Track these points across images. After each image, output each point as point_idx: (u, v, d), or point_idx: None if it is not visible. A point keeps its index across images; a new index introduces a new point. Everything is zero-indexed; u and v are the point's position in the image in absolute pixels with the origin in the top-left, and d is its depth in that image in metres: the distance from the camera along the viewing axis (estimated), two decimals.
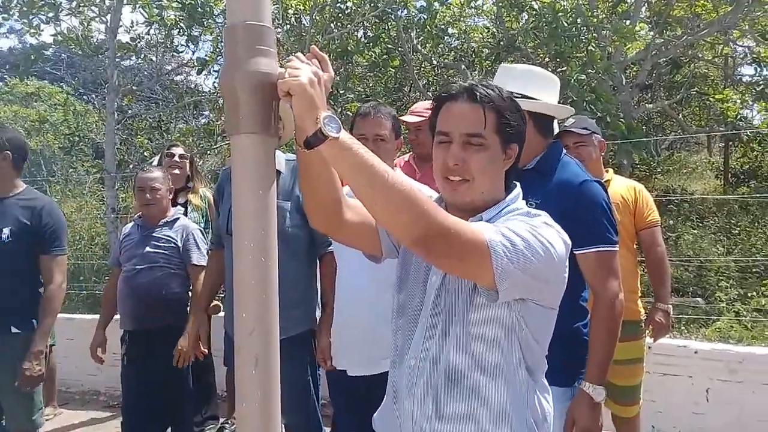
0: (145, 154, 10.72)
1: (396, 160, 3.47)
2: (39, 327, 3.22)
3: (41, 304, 3.25)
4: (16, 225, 3.23)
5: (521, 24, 7.92)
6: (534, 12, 7.17)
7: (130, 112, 11.38)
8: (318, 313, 3.05)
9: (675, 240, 8.44)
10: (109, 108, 8.54)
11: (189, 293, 3.73)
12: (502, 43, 8.07)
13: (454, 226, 1.37)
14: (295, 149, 1.49)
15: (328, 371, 2.89)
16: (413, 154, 3.79)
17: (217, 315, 4.11)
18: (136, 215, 3.87)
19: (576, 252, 2.17)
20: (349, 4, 8.97)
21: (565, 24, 6.65)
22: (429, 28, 7.76)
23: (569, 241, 1.56)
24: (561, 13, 6.70)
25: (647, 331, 3.44)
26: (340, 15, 8.91)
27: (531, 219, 1.52)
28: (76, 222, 11.02)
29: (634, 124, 7.72)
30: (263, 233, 1.34)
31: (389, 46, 8.84)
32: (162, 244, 3.67)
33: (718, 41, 9.66)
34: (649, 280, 3.51)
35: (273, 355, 1.35)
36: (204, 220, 4.28)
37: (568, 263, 1.57)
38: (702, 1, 8.84)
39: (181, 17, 8.73)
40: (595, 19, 7.22)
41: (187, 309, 3.71)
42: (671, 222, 8.85)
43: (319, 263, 3.07)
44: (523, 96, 2.33)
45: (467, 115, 1.55)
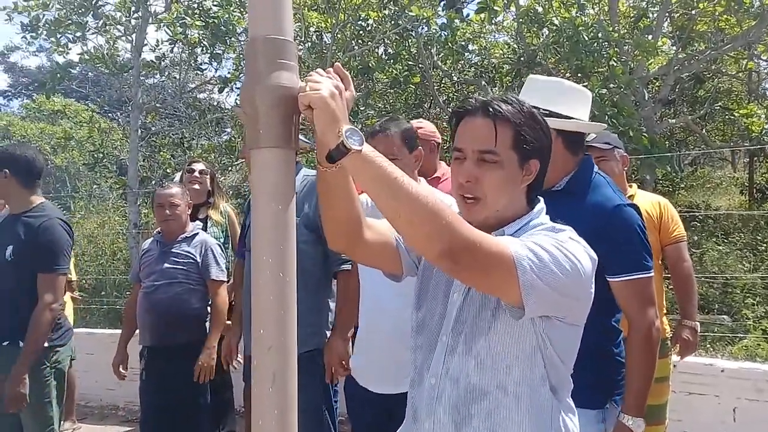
0: (168, 170, 10.84)
1: None
2: (23, 348, 3.11)
3: (29, 324, 3.13)
4: (17, 242, 3.21)
5: (542, 39, 7.89)
6: (555, 27, 7.15)
7: (153, 129, 11.53)
8: (329, 334, 3.00)
9: (699, 256, 8.30)
10: (133, 125, 8.65)
11: (208, 308, 3.73)
12: (522, 59, 8.04)
13: (479, 239, 1.34)
14: (317, 167, 1.48)
15: (348, 387, 2.83)
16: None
17: None
18: (156, 231, 3.90)
19: (610, 279, 2.12)
20: (370, 21, 9.04)
21: (586, 39, 6.62)
22: (449, 44, 7.76)
23: (595, 257, 1.52)
24: (582, 28, 6.67)
25: (673, 349, 3.37)
26: (361, 32, 8.97)
27: (556, 234, 1.49)
28: (98, 237, 11.15)
29: (656, 138, 7.64)
30: (282, 249, 1.33)
31: (410, 62, 8.88)
32: (181, 259, 3.68)
33: (742, 56, 9.55)
34: (675, 296, 3.45)
35: (291, 373, 1.33)
36: (224, 235, 4.29)
37: (595, 282, 1.53)
38: (725, 16, 8.75)
39: (205, 35, 8.83)
40: (617, 34, 7.17)
41: (206, 324, 3.72)
42: (695, 238, 8.71)
43: (336, 281, 3.04)
44: (551, 113, 2.23)
45: (480, 131, 1.52)
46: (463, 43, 8.59)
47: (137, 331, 3.82)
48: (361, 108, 8.08)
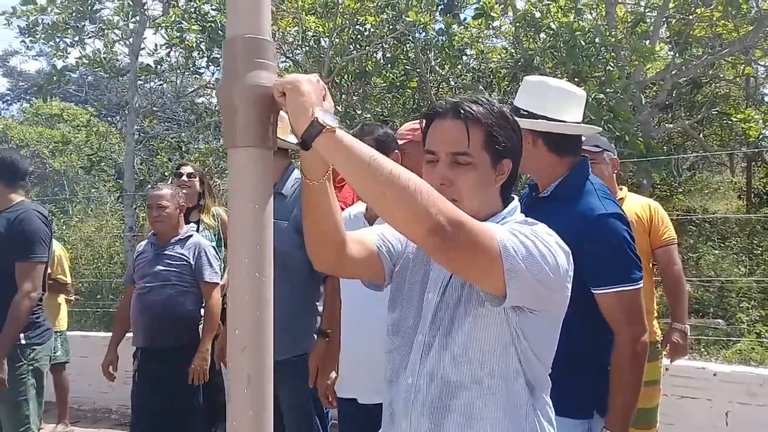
0: (165, 174, 10.83)
1: None
2: (1, 335, 3.19)
3: (9, 311, 3.20)
4: None
5: (539, 44, 7.90)
6: (551, 32, 7.16)
7: (151, 132, 11.53)
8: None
9: (696, 260, 8.30)
10: (129, 129, 8.66)
11: (202, 311, 3.72)
12: (519, 63, 8.05)
13: (464, 217, 1.33)
14: (301, 180, 1.47)
15: (339, 406, 2.76)
16: None
17: None
18: (150, 233, 3.89)
19: (594, 291, 2.07)
20: (368, 26, 9.05)
21: (583, 43, 6.63)
22: (447, 50, 7.76)
23: (569, 250, 1.51)
24: (579, 33, 6.68)
25: (664, 352, 3.36)
26: (359, 37, 8.98)
27: (531, 226, 1.49)
28: (95, 241, 11.14)
29: (653, 143, 7.64)
30: (258, 249, 1.32)
31: (407, 67, 8.89)
32: (174, 261, 3.67)
33: (739, 61, 9.55)
34: (666, 300, 3.44)
35: (266, 375, 1.31)
36: (216, 238, 4.27)
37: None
38: (723, 21, 8.76)
39: (202, 39, 8.85)
40: (614, 39, 7.18)
41: (200, 327, 3.70)
42: (692, 242, 8.72)
43: (323, 285, 3.00)
44: (530, 113, 2.21)
45: (452, 133, 1.52)
46: (461, 48, 8.60)
47: (129, 334, 3.81)
48: (359, 112, 8.08)
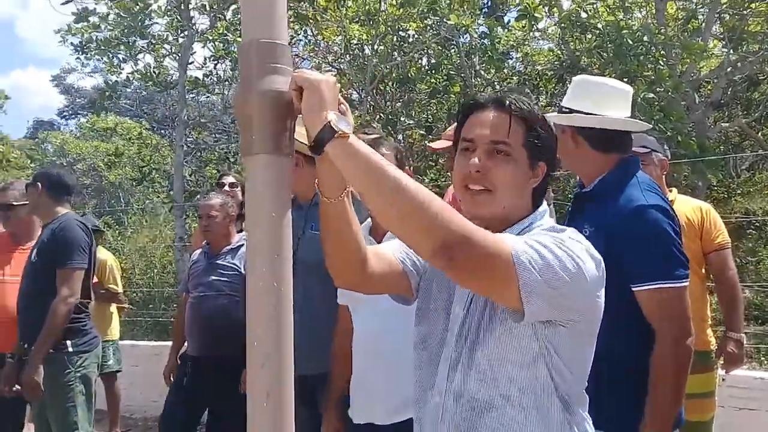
0: (215, 184, 11.02)
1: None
2: (39, 338, 3.26)
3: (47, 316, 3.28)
4: (40, 245, 3.45)
5: (585, 44, 7.74)
6: (597, 31, 6.99)
7: (202, 144, 11.76)
8: None
9: (755, 264, 7.96)
10: (178, 141, 8.83)
11: None
12: (565, 65, 7.90)
13: (475, 232, 1.26)
14: (319, 199, 1.43)
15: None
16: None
17: None
18: (204, 242, 3.92)
19: (633, 289, 1.97)
20: (411, 32, 9.03)
21: (630, 42, 6.45)
22: (490, 53, 7.68)
23: (600, 258, 1.43)
24: (626, 31, 6.50)
25: (719, 362, 3.20)
26: (402, 43, 8.96)
27: (557, 233, 1.40)
28: (149, 251, 11.40)
29: (708, 143, 7.38)
30: (277, 257, 1.28)
31: (451, 72, 8.82)
32: (226, 271, 3.70)
33: None
34: (720, 307, 3.28)
35: (286, 391, 1.26)
36: None
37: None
38: None
39: None
40: (663, 37, 6.97)
41: None
42: (751, 246, 8.36)
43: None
44: (571, 110, 2.17)
45: (495, 123, 1.46)
46: (505, 51, 8.50)
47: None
48: (402, 119, 8.05)
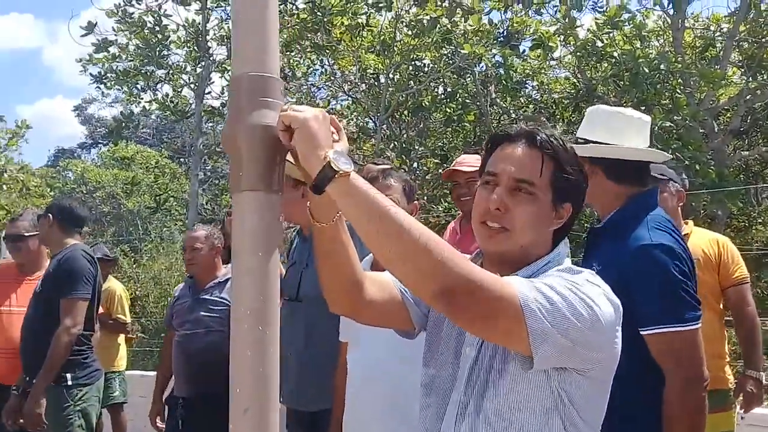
0: (226, 213, 11.05)
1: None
2: (41, 369, 3.25)
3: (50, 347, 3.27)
4: (45, 276, 3.49)
5: (600, 72, 7.71)
6: (613, 60, 6.96)
7: (219, 172, 11.84)
8: None
9: None
10: (194, 170, 8.87)
11: None
12: (581, 93, 7.86)
13: (479, 277, 1.20)
14: (311, 223, 1.37)
15: None
16: (461, 213, 3.58)
17: None
18: (187, 276, 3.81)
19: (641, 332, 1.89)
20: (426, 61, 9.06)
21: (647, 70, 6.39)
22: (505, 82, 7.67)
23: (618, 302, 1.35)
24: (641, 60, 6.45)
25: (737, 401, 3.08)
26: (418, 72, 8.98)
27: (572, 276, 1.33)
28: (164, 279, 11.40)
29: (727, 172, 7.27)
30: (262, 300, 1.22)
31: (467, 100, 8.82)
32: (215, 306, 3.52)
33: None
34: (739, 344, 3.17)
35: None
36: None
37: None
38: None
39: None
40: (680, 65, 6.91)
41: None
42: None
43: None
44: (587, 141, 2.10)
45: (522, 160, 1.39)
46: (521, 80, 8.48)
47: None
48: (416, 147, 8.04)
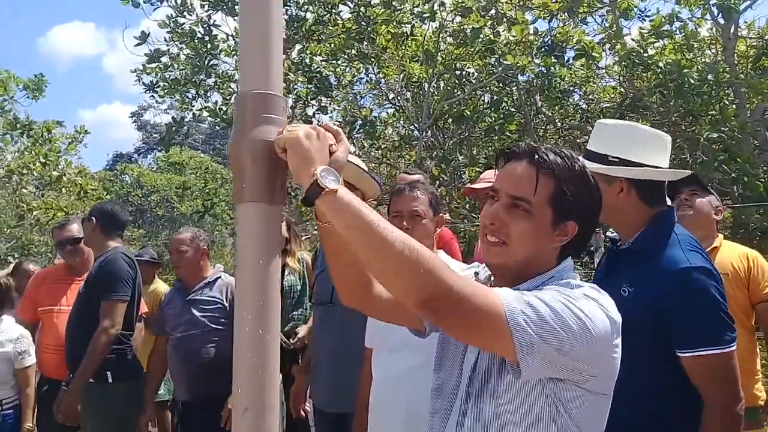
0: None
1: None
2: (80, 367, 3.38)
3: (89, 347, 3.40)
4: (87, 278, 3.63)
5: (646, 83, 7.59)
6: (659, 69, 6.84)
7: None
8: None
9: None
10: None
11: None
12: (626, 103, 7.75)
13: (464, 289, 1.24)
14: (316, 222, 1.46)
15: None
16: None
17: None
18: (176, 279, 3.87)
19: (680, 354, 1.89)
20: (471, 70, 9.07)
21: (692, 81, 6.27)
22: (547, 92, 7.64)
23: (617, 318, 1.37)
24: (687, 70, 6.34)
25: None
26: (463, 81, 9.00)
27: (569, 290, 1.35)
28: None
29: None
30: (262, 305, 1.29)
31: (512, 109, 8.79)
32: (207, 306, 3.54)
33: None
34: None
35: None
36: (302, 283, 4.32)
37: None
38: None
39: (310, 89, 9.21)
40: (729, 75, 6.76)
41: None
42: None
43: None
44: (622, 160, 2.08)
45: (519, 177, 1.43)
46: (566, 89, 8.40)
47: None
48: (458, 156, 8.07)
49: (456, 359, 1.53)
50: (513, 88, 8.64)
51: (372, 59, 9.23)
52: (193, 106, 10.55)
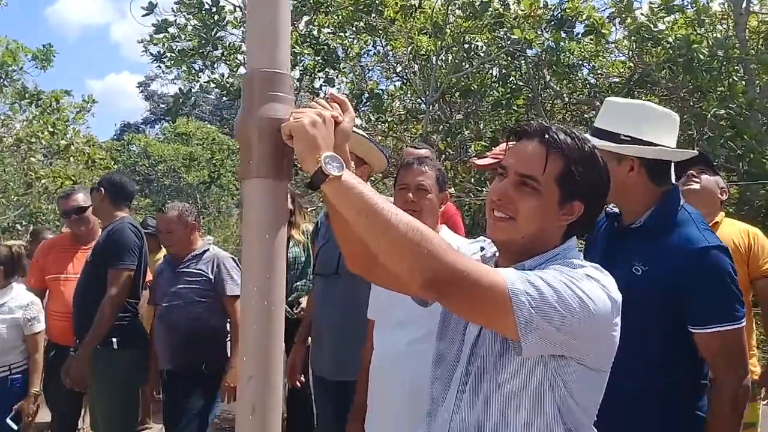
0: None
1: None
2: (87, 334, 3.46)
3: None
4: (95, 247, 3.72)
5: (654, 58, 7.52)
6: (668, 44, 6.78)
7: None
8: None
9: None
10: None
11: (228, 326, 3.67)
12: (635, 78, 7.69)
13: (467, 268, 1.28)
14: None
15: None
16: None
17: None
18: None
19: (693, 330, 1.95)
20: (480, 44, 9.00)
21: (701, 57, 6.22)
22: (555, 67, 7.58)
23: (618, 297, 1.42)
24: (695, 45, 6.29)
25: (762, 393, 3.06)
26: (471, 54, 8.94)
27: (572, 270, 1.39)
28: None
29: None
30: (268, 278, 1.34)
31: (520, 83, 8.73)
32: (193, 278, 3.62)
33: None
34: (766, 335, 3.14)
35: (272, 405, 1.33)
36: (305, 254, 4.37)
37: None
38: None
39: (317, 62, 9.16)
40: (738, 51, 6.70)
41: (227, 343, 3.65)
42: None
43: None
44: (633, 139, 2.09)
45: (528, 155, 1.46)
46: (573, 64, 8.33)
47: None
48: (464, 130, 8.05)
49: (458, 330, 1.58)
50: (521, 62, 8.60)
51: (380, 31, 9.16)
52: (200, 77, 10.57)
